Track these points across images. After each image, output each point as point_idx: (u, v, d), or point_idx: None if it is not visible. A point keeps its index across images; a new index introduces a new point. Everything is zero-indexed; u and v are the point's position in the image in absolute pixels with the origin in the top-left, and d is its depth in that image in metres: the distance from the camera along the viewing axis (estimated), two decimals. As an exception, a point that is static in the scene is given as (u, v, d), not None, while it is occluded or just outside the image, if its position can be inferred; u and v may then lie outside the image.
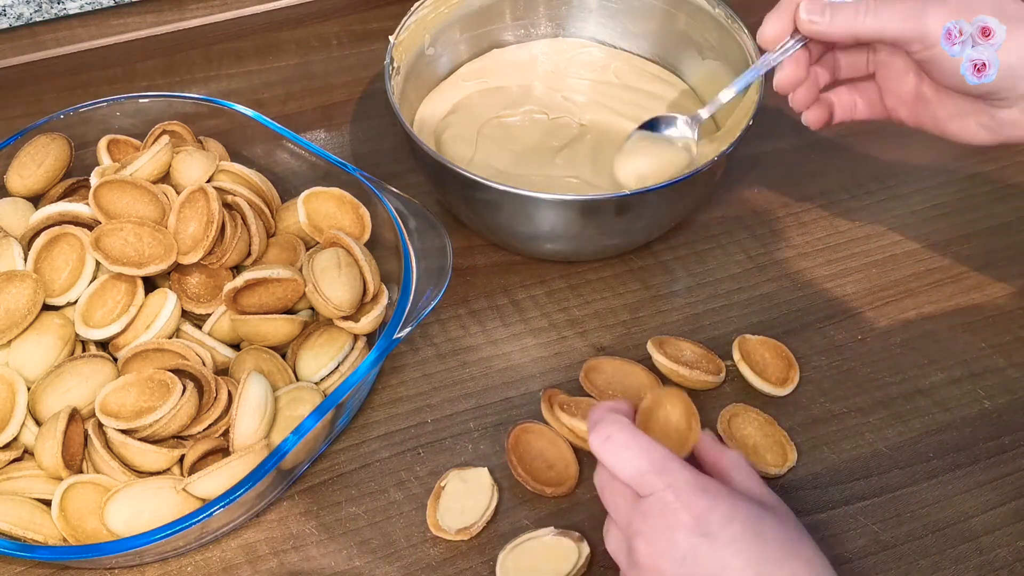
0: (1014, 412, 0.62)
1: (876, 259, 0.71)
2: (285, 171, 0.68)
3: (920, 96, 0.61)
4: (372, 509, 0.58)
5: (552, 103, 0.76)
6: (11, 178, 0.64)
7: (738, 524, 0.46)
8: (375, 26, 0.87)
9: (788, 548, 0.46)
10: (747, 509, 0.47)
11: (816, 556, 0.47)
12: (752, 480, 0.50)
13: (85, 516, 0.53)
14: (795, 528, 0.48)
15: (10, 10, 0.82)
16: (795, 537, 0.47)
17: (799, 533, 0.48)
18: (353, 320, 0.60)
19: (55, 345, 0.57)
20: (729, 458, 0.51)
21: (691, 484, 0.46)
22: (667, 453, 0.47)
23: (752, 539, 0.46)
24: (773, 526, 0.47)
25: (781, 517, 0.48)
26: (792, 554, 0.46)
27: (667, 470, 0.47)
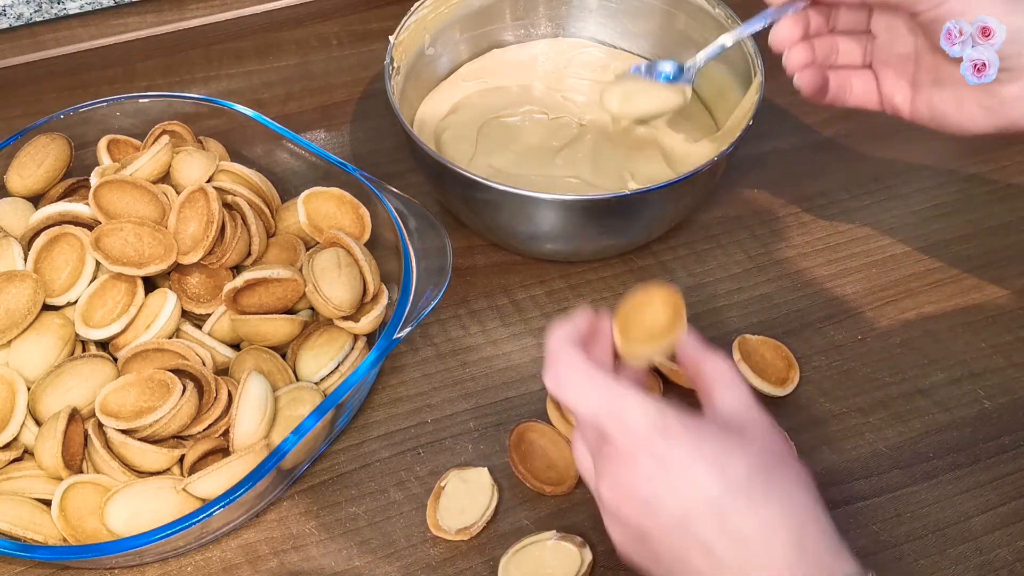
0: (1014, 412, 0.62)
1: (876, 259, 0.71)
2: (285, 171, 0.68)
3: (918, 76, 0.60)
4: (372, 509, 0.58)
5: (552, 103, 0.76)
6: (11, 178, 0.64)
7: (700, 466, 0.43)
8: (375, 26, 0.87)
9: (760, 488, 0.43)
10: (711, 447, 0.43)
11: (796, 493, 0.44)
12: (735, 394, 0.47)
13: (85, 516, 0.53)
14: (773, 460, 0.44)
15: (10, 10, 0.82)
16: (772, 471, 0.44)
17: (778, 466, 0.44)
18: (353, 320, 0.60)
19: (55, 345, 0.57)
20: (712, 366, 0.48)
21: (648, 426, 0.44)
22: (622, 391, 0.45)
23: (717, 479, 0.43)
24: (744, 463, 0.43)
25: (758, 446, 0.44)
26: (763, 495, 0.43)
27: (622, 412, 0.44)
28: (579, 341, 0.48)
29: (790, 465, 0.45)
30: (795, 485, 0.44)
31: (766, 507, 0.43)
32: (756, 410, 0.47)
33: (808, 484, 0.45)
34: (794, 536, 0.42)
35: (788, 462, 0.45)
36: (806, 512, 0.43)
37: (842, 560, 0.43)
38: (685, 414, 0.45)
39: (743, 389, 0.47)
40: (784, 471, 0.44)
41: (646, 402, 0.44)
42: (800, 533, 0.42)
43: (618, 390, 0.45)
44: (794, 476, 0.44)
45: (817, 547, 0.43)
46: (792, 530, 0.42)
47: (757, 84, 0.68)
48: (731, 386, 0.47)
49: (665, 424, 0.44)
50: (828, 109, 0.80)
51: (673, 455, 0.43)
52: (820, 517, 0.44)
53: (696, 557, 0.43)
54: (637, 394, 0.45)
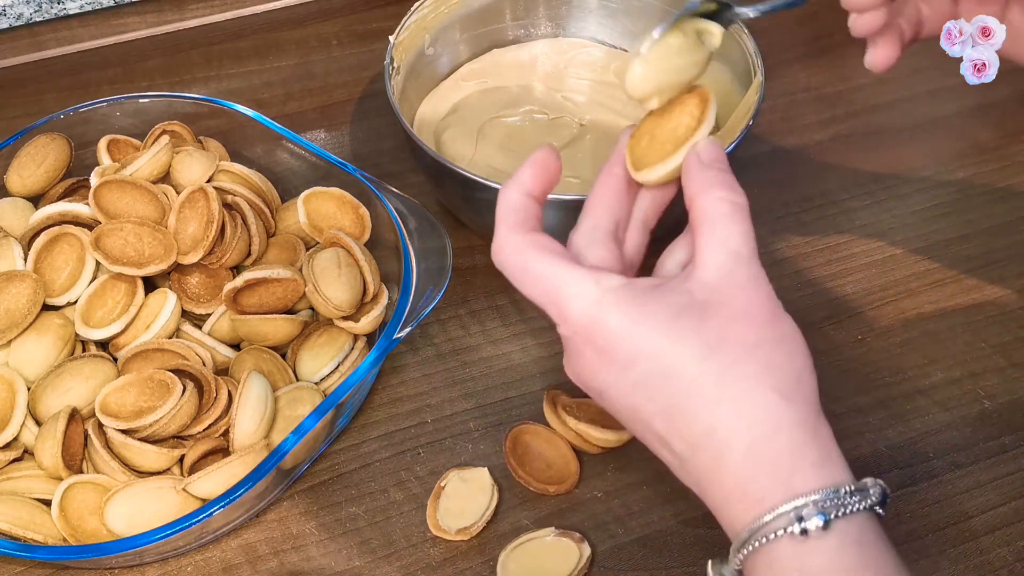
0: (1014, 412, 0.62)
1: (876, 259, 0.71)
2: (285, 171, 0.68)
3: None
4: (372, 509, 0.58)
5: (552, 103, 0.76)
6: (11, 178, 0.64)
7: (640, 363, 0.40)
8: (375, 26, 0.87)
9: (711, 386, 0.40)
10: (654, 340, 0.40)
11: (755, 393, 0.40)
12: (714, 256, 0.41)
13: (85, 516, 0.53)
14: (734, 350, 0.40)
15: (10, 10, 0.82)
16: (727, 366, 0.40)
17: (739, 358, 0.40)
18: (353, 320, 0.60)
19: (55, 345, 0.57)
20: (702, 209, 0.42)
21: (584, 317, 0.41)
22: (558, 277, 0.41)
23: (658, 381, 0.40)
24: (692, 357, 0.40)
25: (716, 333, 0.40)
26: (714, 397, 0.40)
27: (559, 301, 0.42)
28: (525, 206, 0.45)
29: (758, 355, 0.40)
30: (756, 382, 0.40)
31: (712, 412, 0.40)
32: (737, 277, 0.41)
33: (781, 379, 0.40)
34: (743, 447, 0.39)
35: (755, 351, 0.40)
36: (765, 417, 0.40)
37: (807, 474, 0.39)
38: (631, 294, 0.41)
39: (730, 244, 0.42)
40: (746, 365, 0.40)
41: (583, 291, 0.41)
42: (751, 444, 0.39)
43: (554, 275, 0.42)
44: (759, 371, 0.40)
45: (775, 460, 0.39)
46: (742, 440, 0.39)
47: (757, 84, 0.68)
48: (714, 241, 0.42)
49: (601, 315, 0.41)
50: (829, 109, 0.80)
51: (613, 349, 0.41)
52: (784, 423, 0.40)
53: (660, 448, 0.42)
54: (576, 281, 0.41)
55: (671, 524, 0.57)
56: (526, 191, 0.45)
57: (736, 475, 0.40)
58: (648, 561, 0.56)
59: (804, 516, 0.38)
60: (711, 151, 0.44)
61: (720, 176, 0.43)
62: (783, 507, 0.39)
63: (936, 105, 0.81)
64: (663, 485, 0.59)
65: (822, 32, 0.86)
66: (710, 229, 0.42)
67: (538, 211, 0.46)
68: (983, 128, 0.79)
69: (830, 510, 0.38)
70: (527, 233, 0.44)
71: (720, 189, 0.43)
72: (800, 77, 0.83)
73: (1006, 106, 0.80)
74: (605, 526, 0.57)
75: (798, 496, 0.39)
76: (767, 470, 0.39)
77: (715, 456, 0.40)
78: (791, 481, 0.39)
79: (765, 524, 0.39)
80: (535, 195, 0.46)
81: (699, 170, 0.43)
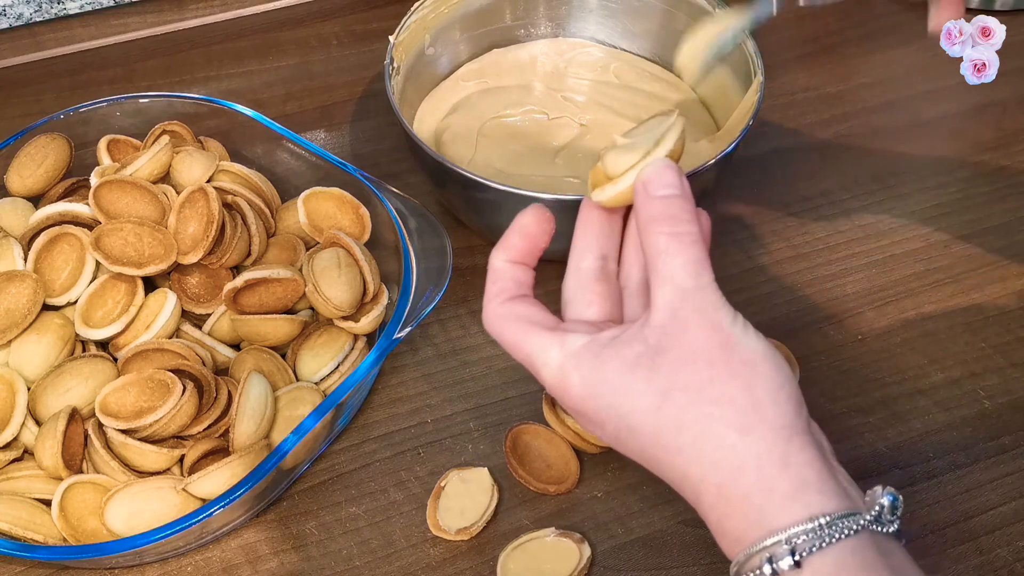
0: (1014, 412, 0.62)
1: (876, 259, 0.71)
2: (285, 171, 0.68)
3: None
4: (372, 509, 0.58)
5: (552, 103, 0.76)
6: (11, 178, 0.64)
7: (609, 425, 0.42)
8: (375, 26, 0.87)
9: (670, 436, 0.40)
10: (611, 400, 0.41)
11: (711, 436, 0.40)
12: (661, 295, 0.41)
13: (85, 516, 0.53)
14: (687, 397, 0.40)
15: (10, 10, 0.82)
16: (684, 412, 0.40)
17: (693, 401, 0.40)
18: (353, 320, 0.60)
19: (55, 345, 0.57)
20: (649, 245, 0.42)
21: (553, 384, 0.43)
22: (530, 347, 0.43)
23: (628, 436, 0.42)
24: (646, 412, 0.40)
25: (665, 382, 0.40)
26: (674, 447, 0.40)
27: (535, 367, 0.44)
28: (506, 275, 0.46)
29: (709, 393, 0.40)
30: (710, 423, 0.40)
31: (679, 458, 0.41)
32: (682, 315, 0.41)
33: (736, 413, 0.40)
34: (714, 487, 0.40)
35: (706, 389, 0.40)
36: (726, 456, 0.40)
37: (779, 510, 0.39)
38: (589, 354, 0.42)
39: (675, 281, 0.41)
40: (700, 406, 0.40)
41: (548, 356, 0.43)
42: (720, 484, 0.40)
43: (525, 345, 0.44)
44: (713, 409, 0.40)
45: (746, 498, 0.39)
46: (710, 481, 0.40)
47: (757, 84, 0.68)
48: (661, 280, 0.41)
49: (564, 380, 0.43)
50: (828, 109, 0.81)
51: (584, 411, 0.43)
52: (748, 458, 0.39)
53: None
54: (541, 348, 0.43)
55: (671, 524, 0.57)
56: (509, 258, 0.47)
57: (714, 515, 0.41)
58: (648, 561, 0.56)
59: (774, 556, 0.38)
60: (660, 177, 0.43)
61: (664, 206, 0.42)
62: (756, 546, 0.39)
63: (936, 105, 0.81)
64: (663, 485, 0.58)
65: (822, 32, 0.86)
66: (656, 268, 0.42)
67: (524, 275, 0.47)
68: (983, 128, 0.79)
69: (803, 547, 0.38)
70: (504, 303, 0.46)
71: (661, 223, 0.42)
72: (800, 77, 0.83)
73: (1006, 106, 0.80)
74: (605, 526, 0.57)
75: (773, 533, 0.39)
76: (738, 510, 0.40)
77: (695, 498, 0.42)
78: (764, 520, 0.39)
79: (743, 563, 0.39)
80: (520, 261, 0.47)
81: (644, 204, 0.43)
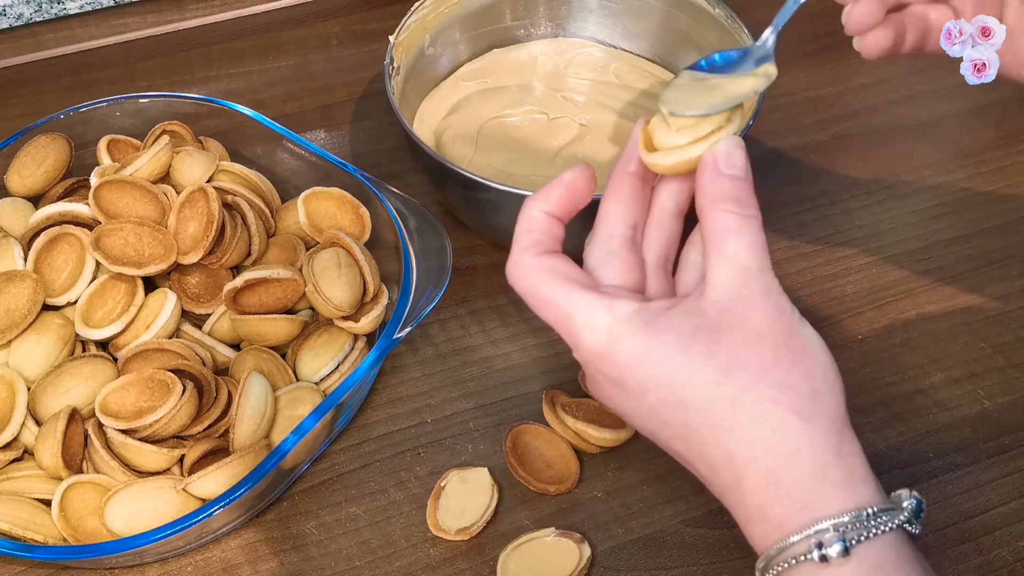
0: (1014, 412, 0.62)
1: (876, 259, 0.71)
2: (285, 171, 0.68)
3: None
4: (372, 509, 0.58)
5: (552, 103, 0.76)
6: (11, 178, 0.64)
7: (652, 396, 0.40)
8: (375, 26, 0.87)
9: (726, 412, 0.39)
10: (667, 368, 0.39)
11: (771, 415, 0.39)
12: (724, 273, 0.40)
13: (85, 516, 0.53)
14: (748, 373, 0.39)
15: (10, 10, 0.82)
16: (743, 390, 0.39)
17: (754, 380, 0.39)
18: (353, 320, 0.60)
19: (55, 345, 0.57)
20: (712, 224, 0.41)
21: (596, 348, 0.40)
22: (571, 306, 0.41)
23: (672, 410, 0.40)
24: (704, 384, 0.39)
25: (729, 357, 0.39)
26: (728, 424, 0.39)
27: (573, 331, 0.41)
28: (543, 227, 0.43)
29: (773, 376, 0.39)
30: (772, 405, 0.39)
31: (730, 437, 0.39)
32: (746, 296, 0.40)
33: (797, 399, 0.39)
34: (764, 471, 0.39)
35: (770, 372, 0.39)
36: (784, 440, 0.39)
37: (829, 498, 0.39)
38: (643, 322, 0.40)
39: (739, 261, 0.40)
40: (761, 387, 0.39)
41: (594, 317, 0.40)
42: (772, 467, 0.39)
43: (565, 303, 0.41)
44: (775, 393, 0.39)
45: (797, 483, 0.39)
46: (762, 464, 0.39)
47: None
48: (723, 258, 0.41)
49: (612, 345, 0.40)
50: (828, 109, 0.81)
51: (625, 380, 0.40)
52: (805, 444, 0.39)
53: (687, 464, 0.42)
54: (587, 307, 0.41)
55: (671, 524, 0.57)
56: (549, 210, 0.44)
57: (756, 499, 0.40)
58: (648, 561, 0.56)
59: (824, 543, 0.38)
60: (731, 156, 0.42)
61: (733, 186, 0.42)
62: (803, 532, 0.38)
63: (936, 105, 0.81)
64: (663, 485, 0.59)
65: (822, 32, 0.86)
66: (718, 245, 0.41)
67: (559, 231, 0.44)
68: (983, 128, 0.79)
69: (851, 536, 0.38)
70: (541, 255, 0.43)
71: (729, 202, 0.41)
72: (800, 77, 0.83)
73: (1006, 106, 0.80)
74: (605, 526, 0.57)
75: (820, 520, 0.38)
76: (787, 494, 0.39)
77: (735, 480, 0.40)
78: (812, 505, 0.39)
79: (786, 548, 0.39)
80: (558, 215, 0.44)
81: (712, 179, 0.42)
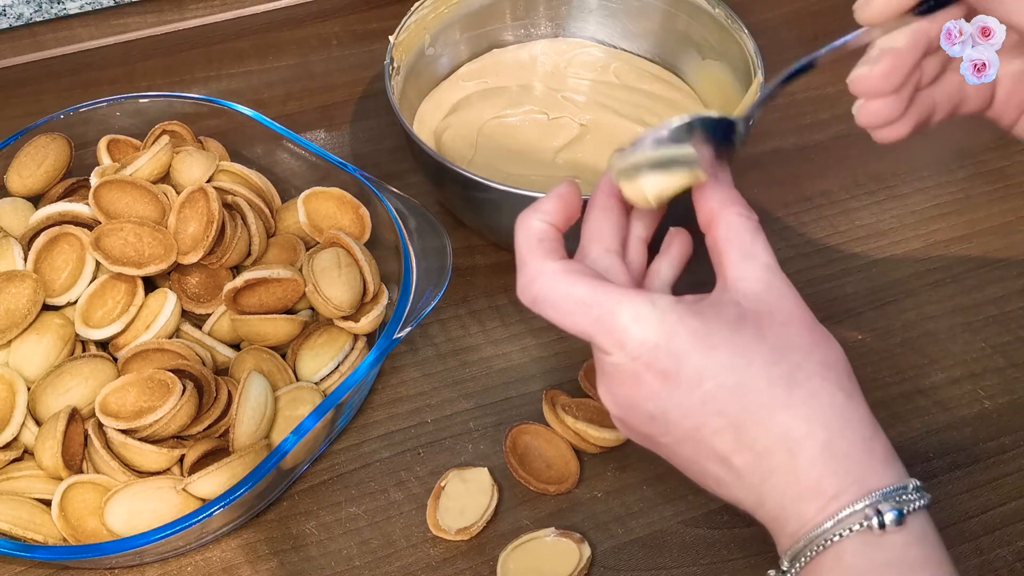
0: (1014, 412, 0.62)
1: (876, 259, 0.71)
2: (285, 171, 0.68)
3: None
4: (372, 509, 0.58)
5: (552, 103, 0.76)
6: (11, 178, 0.64)
7: (711, 379, 0.40)
8: (375, 26, 0.87)
9: (781, 392, 0.40)
10: (724, 354, 0.40)
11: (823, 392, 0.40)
12: (751, 268, 0.42)
13: (85, 516, 0.53)
14: (797, 354, 0.40)
15: (10, 10, 0.82)
16: (794, 370, 0.40)
17: (802, 361, 0.40)
18: (353, 320, 0.60)
19: (55, 345, 0.57)
20: (725, 227, 0.43)
21: (649, 340, 0.40)
22: (612, 301, 0.40)
23: (730, 391, 0.40)
24: (762, 365, 0.40)
25: (778, 340, 0.40)
26: (784, 402, 0.40)
27: (617, 328, 0.40)
28: (552, 235, 0.43)
29: (816, 355, 0.41)
30: (822, 382, 0.40)
31: (787, 414, 0.40)
32: (776, 286, 0.42)
33: (839, 377, 0.41)
34: (819, 444, 0.40)
35: (813, 352, 0.41)
36: (836, 414, 0.40)
37: (878, 470, 0.40)
38: (689, 311, 0.41)
39: (761, 258, 0.42)
40: (809, 366, 0.40)
41: (643, 312, 0.40)
42: (827, 441, 0.40)
43: (607, 301, 0.40)
44: (821, 371, 0.41)
45: (849, 456, 0.40)
46: (817, 438, 0.40)
47: (757, 84, 0.68)
48: (746, 255, 0.42)
49: (667, 334, 0.40)
50: (828, 109, 0.80)
51: (680, 370, 0.40)
52: (853, 419, 0.40)
53: (713, 466, 0.42)
54: (631, 303, 0.40)
55: (671, 524, 0.57)
56: (550, 220, 0.44)
57: (810, 473, 0.40)
58: (648, 561, 0.56)
59: (881, 511, 0.39)
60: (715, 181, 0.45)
61: (735, 194, 0.45)
62: (860, 503, 0.39)
63: (936, 105, 0.81)
64: (663, 485, 0.59)
65: (822, 32, 0.86)
66: (740, 244, 0.43)
67: (563, 241, 0.44)
68: (983, 128, 0.79)
69: (902, 505, 0.39)
70: (562, 260, 0.42)
71: (739, 206, 0.44)
72: (800, 77, 0.82)
73: (1006, 106, 0.80)
74: (605, 526, 0.57)
75: (873, 491, 0.39)
76: (842, 466, 0.40)
77: (788, 459, 0.40)
78: (865, 477, 0.40)
79: (844, 519, 0.39)
80: (558, 226, 0.44)
81: (716, 187, 0.45)
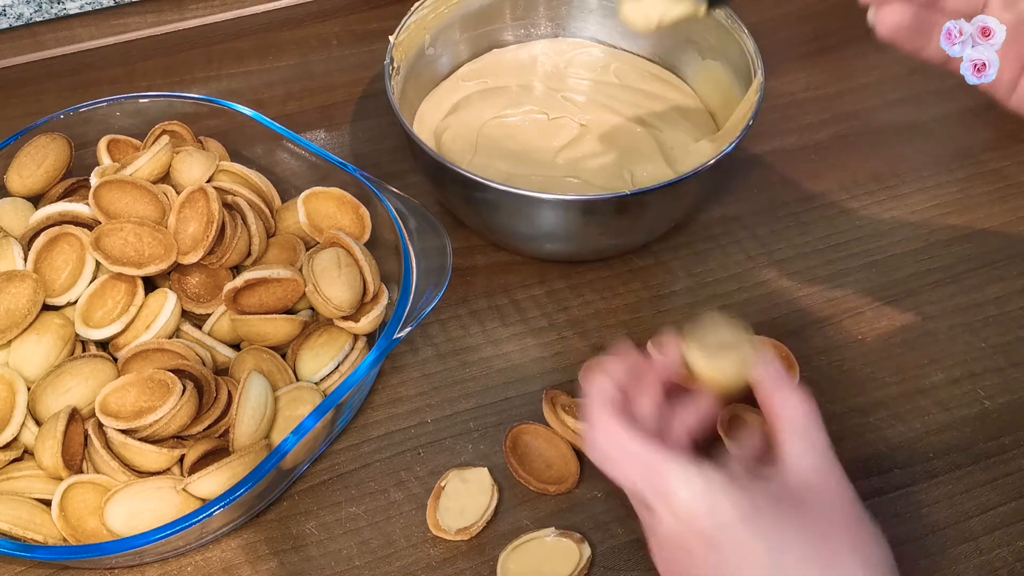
0: (1014, 412, 0.62)
1: (876, 259, 0.71)
2: (285, 171, 0.68)
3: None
4: (372, 509, 0.58)
5: (552, 103, 0.76)
6: (11, 178, 0.64)
7: (751, 552, 0.42)
8: (375, 26, 0.87)
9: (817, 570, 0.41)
10: (765, 525, 0.42)
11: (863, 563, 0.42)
12: (804, 448, 0.44)
13: (85, 516, 0.53)
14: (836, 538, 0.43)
15: (10, 10, 0.82)
16: (832, 554, 0.42)
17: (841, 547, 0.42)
18: (353, 320, 0.60)
19: (55, 345, 0.57)
20: (784, 407, 0.45)
21: (695, 506, 0.42)
22: (664, 465, 0.43)
23: (768, 565, 0.41)
24: (799, 543, 0.42)
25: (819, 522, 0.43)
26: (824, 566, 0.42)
27: (666, 491, 0.43)
28: (617, 398, 0.47)
29: (855, 541, 0.43)
30: (858, 566, 0.42)
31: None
32: (825, 469, 0.44)
33: (877, 563, 0.43)
34: None
35: (854, 537, 0.43)
36: None
37: None
38: (735, 481, 0.43)
39: (814, 441, 0.45)
40: (846, 552, 0.42)
41: (691, 477, 0.42)
42: None
43: (660, 463, 0.43)
44: (859, 559, 0.42)
45: None
46: None
47: (757, 84, 0.68)
48: (801, 436, 0.45)
49: (713, 502, 0.42)
50: (828, 109, 0.81)
51: (723, 537, 0.42)
52: None
53: None
54: (681, 467, 0.43)
55: (671, 524, 0.57)
56: (616, 377, 0.48)
57: None
58: (648, 561, 0.56)
59: None
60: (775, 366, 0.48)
61: (792, 384, 0.47)
62: None
63: (936, 105, 0.81)
64: (663, 485, 0.59)
65: (822, 32, 0.86)
66: (796, 431, 0.45)
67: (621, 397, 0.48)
68: (983, 128, 0.79)
69: None
70: (622, 415, 0.46)
71: (797, 395, 0.46)
72: (800, 77, 0.83)
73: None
74: (605, 526, 0.57)
75: None
76: None
77: None
78: None
79: None
80: (624, 381, 0.48)
81: (775, 377, 0.47)
